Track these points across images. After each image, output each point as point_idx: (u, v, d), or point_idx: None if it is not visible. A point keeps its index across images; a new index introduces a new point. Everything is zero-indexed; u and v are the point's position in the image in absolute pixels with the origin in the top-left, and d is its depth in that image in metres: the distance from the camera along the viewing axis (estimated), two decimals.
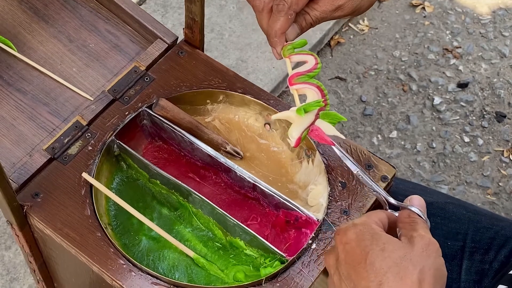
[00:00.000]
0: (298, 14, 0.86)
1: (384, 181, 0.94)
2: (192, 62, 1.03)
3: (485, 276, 1.04)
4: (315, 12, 0.86)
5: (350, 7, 0.86)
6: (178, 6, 1.91)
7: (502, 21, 2.10)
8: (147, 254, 0.90)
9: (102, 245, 0.87)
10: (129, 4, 1.06)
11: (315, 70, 0.84)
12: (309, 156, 0.97)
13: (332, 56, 1.99)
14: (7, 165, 0.94)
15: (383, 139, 1.86)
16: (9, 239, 1.53)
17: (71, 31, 1.07)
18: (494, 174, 1.82)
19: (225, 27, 1.90)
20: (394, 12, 2.10)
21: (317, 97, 0.83)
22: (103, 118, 0.97)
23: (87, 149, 0.95)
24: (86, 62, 1.04)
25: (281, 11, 0.84)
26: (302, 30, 0.87)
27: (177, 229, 0.93)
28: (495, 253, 1.04)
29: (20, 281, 1.49)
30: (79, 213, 0.90)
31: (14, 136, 0.97)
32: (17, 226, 0.92)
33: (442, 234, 1.07)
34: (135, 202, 0.93)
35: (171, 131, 0.96)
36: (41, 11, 1.08)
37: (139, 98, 0.99)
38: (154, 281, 0.85)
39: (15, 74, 1.02)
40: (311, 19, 0.87)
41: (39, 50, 1.05)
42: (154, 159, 0.98)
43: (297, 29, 0.87)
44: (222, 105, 1.01)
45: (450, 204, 1.10)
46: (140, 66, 1.01)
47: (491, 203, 1.77)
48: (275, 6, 0.84)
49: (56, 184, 0.92)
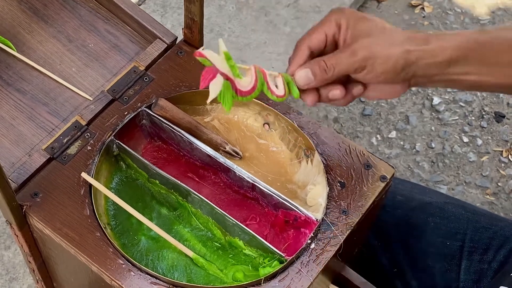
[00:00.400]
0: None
1: (383, 181, 0.94)
2: (192, 62, 1.03)
3: (484, 276, 1.04)
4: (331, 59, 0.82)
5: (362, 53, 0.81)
6: (177, 7, 1.91)
7: (501, 22, 2.10)
8: (146, 254, 0.90)
9: (101, 245, 0.87)
10: (129, 4, 1.06)
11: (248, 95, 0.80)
12: (308, 156, 0.97)
13: None
14: (7, 165, 0.94)
15: (382, 139, 1.86)
16: (8, 239, 1.53)
17: (71, 31, 1.07)
18: (493, 174, 1.82)
19: (224, 27, 1.90)
20: (393, 12, 2.10)
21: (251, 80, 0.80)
22: (102, 118, 0.97)
23: (86, 149, 0.95)
24: (86, 62, 1.05)
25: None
26: (315, 77, 0.82)
27: (176, 229, 0.93)
28: (494, 253, 1.04)
29: (20, 281, 1.49)
30: (78, 213, 0.90)
31: (14, 136, 0.97)
32: (16, 226, 0.92)
33: (441, 234, 1.07)
34: (134, 202, 0.93)
35: (170, 131, 0.96)
36: (41, 11, 1.08)
37: (138, 98, 0.99)
38: (153, 281, 0.85)
39: (15, 74, 1.02)
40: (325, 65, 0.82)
41: (39, 50, 1.05)
42: (153, 159, 0.98)
43: (310, 75, 0.82)
44: (221, 105, 1.01)
45: (449, 204, 1.10)
46: (139, 66, 1.01)
47: (490, 203, 1.77)
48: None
49: (55, 184, 0.92)
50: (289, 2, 1.98)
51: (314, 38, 0.83)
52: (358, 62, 0.81)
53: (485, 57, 0.82)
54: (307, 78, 0.82)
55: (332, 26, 0.83)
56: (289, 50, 1.87)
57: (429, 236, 1.07)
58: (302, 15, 1.96)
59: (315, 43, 0.83)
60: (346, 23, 0.83)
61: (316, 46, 0.83)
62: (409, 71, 0.82)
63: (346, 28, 0.83)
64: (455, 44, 0.82)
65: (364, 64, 0.81)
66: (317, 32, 0.83)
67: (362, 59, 0.81)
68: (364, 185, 0.93)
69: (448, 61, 0.82)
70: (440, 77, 0.83)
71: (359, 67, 0.81)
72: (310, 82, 0.82)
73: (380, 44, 0.81)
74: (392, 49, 0.81)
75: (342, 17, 0.83)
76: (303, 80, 0.82)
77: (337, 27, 0.83)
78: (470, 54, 0.82)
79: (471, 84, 0.84)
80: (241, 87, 0.79)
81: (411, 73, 0.82)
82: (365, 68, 0.81)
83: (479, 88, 0.86)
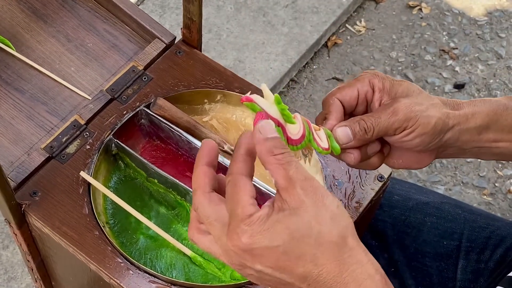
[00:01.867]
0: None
1: (380, 181, 0.94)
2: (190, 62, 1.03)
3: (480, 276, 1.04)
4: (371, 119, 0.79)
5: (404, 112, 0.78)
6: (175, 7, 1.91)
7: (499, 23, 2.10)
8: (144, 252, 0.91)
9: (100, 243, 0.88)
10: (127, 4, 1.06)
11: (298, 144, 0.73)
12: (306, 156, 0.97)
13: (329, 57, 2.00)
14: (5, 164, 0.95)
15: None
16: (7, 238, 1.53)
17: (70, 31, 1.07)
18: (490, 174, 1.83)
19: (222, 27, 1.90)
20: (391, 13, 2.11)
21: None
22: (101, 117, 0.98)
23: (85, 148, 0.95)
24: (84, 61, 1.05)
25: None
26: (354, 136, 0.78)
27: (175, 227, 0.93)
28: (490, 253, 1.04)
29: (18, 280, 1.49)
30: (77, 212, 0.90)
31: (12, 135, 0.98)
32: (15, 225, 0.92)
33: (438, 234, 1.07)
34: (132, 201, 0.94)
35: (168, 130, 0.96)
36: (40, 11, 1.08)
37: (137, 97, 0.99)
38: (151, 280, 0.86)
39: (14, 73, 1.02)
40: (365, 124, 0.78)
41: (38, 49, 1.05)
42: (152, 158, 0.98)
43: (349, 134, 0.78)
44: (219, 104, 1.02)
45: (446, 204, 1.10)
46: (138, 66, 1.02)
47: (487, 204, 1.78)
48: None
49: (54, 183, 0.92)
50: (287, 3, 1.98)
51: (346, 93, 0.80)
52: (399, 122, 0.78)
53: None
54: (347, 137, 0.78)
55: (365, 85, 0.80)
56: (287, 50, 1.88)
57: (426, 236, 1.08)
58: (300, 15, 1.96)
59: (347, 99, 0.80)
60: (381, 84, 0.80)
61: (348, 101, 0.80)
62: (444, 137, 0.80)
63: (381, 89, 0.80)
64: (486, 109, 0.80)
65: (405, 124, 0.78)
66: (350, 89, 0.80)
67: (404, 119, 0.77)
68: (362, 185, 0.94)
69: (480, 127, 0.80)
70: (471, 144, 0.82)
71: (400, 127, 0.78)
72: (349, 142, 0.78)
73: (420, 105, 0.78)
74: (432, 110, 0.78)
75: (376, 78, 0.80)
76: (343, 139, 0.78)
77: (370, 86, 0.80)
78: (500, 120, 0.81)
79: (501, 152, 0.83)
80: (291, 134, 0.72)
81: (445, 139, 0.80)
82: (406, 129, 0.78)
83: (509, 156, 0.85)
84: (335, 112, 0.79)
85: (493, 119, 0.81)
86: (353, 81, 0.81)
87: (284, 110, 0.70)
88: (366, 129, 0.78)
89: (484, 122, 0.81)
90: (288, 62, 1.87)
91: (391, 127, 0.78)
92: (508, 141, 0.83)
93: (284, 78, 1.87)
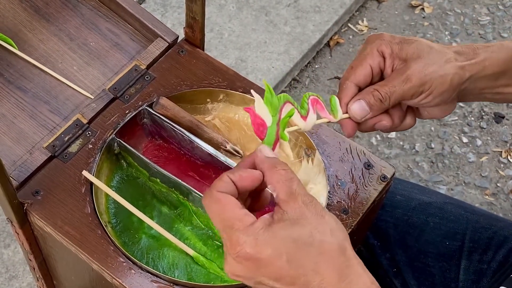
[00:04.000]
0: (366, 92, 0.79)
1: (383, 181, 0.94)
2: (193, 61, 1.03)
3: (483, 276, 1.04)
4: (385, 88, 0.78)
5: (417, 78, 0.77)
6: (177, 6, 1.91)
7: (501, 22, 2.10)
8: (147, 252, 0.91)
9: (102, 243, 0.87)
10: (130, 2, 1.06)
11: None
12: (309, 155, 0.97)
13: (331, 56, 2.00)
14: (8, 163, 0.94)
15: (381, 139, 1.86)
16: (8, 237, 1.53)
17: (72, 30, 1.07)
18: (492, 174, 1.82)
19: (224, 26, 1.90)
20: (393, 13, 2.10)
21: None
22: (103, 116, 0.98)
23: (88, 147, 0.95)
24: (87, 60, 1.05)
25: None
26: (371, 108, 0.79)
27: (177, 227, 0.93)
28: (493, 253, 1.04)
29: (19, 279, 1.49)
30: (79, 211, 0.90)
31: (15, 134, 0.97)
32: (17, 224, 0.92)
33: (441, 234, 1.07)
34: (135, 200, 0.94)
35: (171, 129, 0.96)
36: (42, 10, 1.08)
37: (139, 96, 0.99)
38: (154, 279, 0.86)
39: (16, 72, 1.02)
40: (380, 95, 0.78)
41: (40, 48, 1.05)
42: (154, 158, 0.98)
43: (365, 107, 0.79)
44: (222, 104, 1.01)
45: (448, 204, 1.10)
46: (140, 65, 1.02)
47: (489, 204, 1.78)
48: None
49: (56, 182, 0.92)
50: (290, 2, 1.98)
51: (359, 74, 0.79)
52: (414, 88, 0.78)
53: None
54: (363, 111, 0.79)
55: (375, 57, 0.79)
56: (289, 49, 1.88)
57: (428, 236, 1.08)
58: (302, 15, 1.96)
59: (361, 80, 0.79)
60: (390, 50, 0.79)
61: (363, 82, 0.80)
62: (463, 87, 0.80)
63: (391, 54, 0.79)
64: (503, 56, 0.80)
65: (421, 89, 0.78)
66: (362, 67, 0.79)
67: (419, 84, 0.77)
68: (365, 185, 0.94)
69: (496, 73, 0.80)
70: (488, 90, 0.82)
71: (416, 93, 0.78)
72: (366, 114, 0.79)
73: (433, 65, 0.78)
74: (446, 68, 0.78)
75: (383, 44, 0.79)
76: (360, 113, 0.79)
77: (380, 56, 0.79)
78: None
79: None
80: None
81: (463, 88, 0.80)
82: (423, 93, 0.78)
83: None
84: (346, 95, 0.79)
85: (510, 66, 0.81)
86: (362, 56, 0.80)
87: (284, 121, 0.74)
88: (382, 99, 0.78)
89: (500, 69, 0.80)
90: (290, 61, 1.87)
91: (408, 93, 0.78)
92: None
93: (286, 78, 1.86)
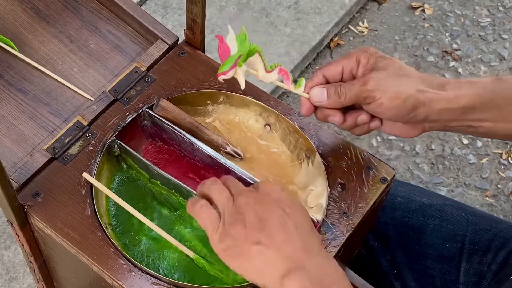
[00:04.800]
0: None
1: (383, 183, 0.94)
2: (193, 63, 1.03)
3: (483, 278, 1.04)
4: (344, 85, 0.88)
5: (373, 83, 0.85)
6: (178, 7, 1.91)
7: (502, 24, 2.10)
8: (147, 254, 0.91)
9: (102, 245, 0.88)
10: (130, 4, 1.06)
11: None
12: (309, 158, 0.97)
13: (331, 57, 2.00)
14: (8, 165, 0.95)
15: (382, 141, 1.86)
16: (9, 238, 1.53)
17: (72, 32, 1.07)
18: (492, 176, 1.82)
19: (225, 28, 1.90)
20: (394, 14, 2.10)
21: None
22: (103, 118, 0.98)
23: (88, 149, 0.95)
24: (87, 62, 1.05)
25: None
26: (328, 97, 0.88)
27: (177, 229, 0.93)
28: (493, 255, 1.04)
29: (20, 280, 1.49)
30: (80, 213, 0.90)
31: (15, 136, 0.98)
32: (17, 226, 0.92)
33: (441, 236, 1.07)
34: (135, 202, 0.94)
35: (171, 131, 0.96)
36: (43, 11, 1.08)
37: (139, 98, 0.99)
38: (154, 281, 0.86)
39: (16, 74, 1.02)
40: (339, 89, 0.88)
41: (40, 50, 1.05)
42: (154, 160, 0.98)
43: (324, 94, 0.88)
44: (222, 106, 1.01)
45: (448, 206, 1.10)
46: (141, 67, 1.02)
47: (490, 205, 1.78)
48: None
49: (56, 184, 0.92)
50: (290, 4, 1.98)
51: (330, 68, 0.89)
52: (367, 92, 0.85)
53: (501, 106, 0.85)
54: (321, 96, 0.88)
55: (352, 61, 0.88)
56: (290, 51, 1.88)
57: (428, 238, 1.08)
58: (303, 16, 1.96)
59: (329, 73, 0.89)
60: (366, 60, 0.87)
61: (330, 75, 0.89)
62: (420, 113, 0.85)
63: (365, 64, 0.87)
64: (472, 93, 0.85)
65: (373, 94, 0.85)
66: (336, 64, 0.88)
67: (373, 89, 0.84)
68: (365, 187, 0.94)
69: (464, 108, 0.85)
70: (456, 123, 0.87)
71: (368, 97, 0.85)
72: (322, 100, 0.88)
73: (392, 80, 0.85)
74: (403, 87, 0.84)
75: (363, 55, 0.87)
76: (317, 97, 0.88)
77: (356, 63, 0.87)
78: (486, 103, 0.85)
79: (486, 131, 0.87)
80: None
81: (423, 115, 0.85)
82: (375, 100, 0.85)
83: (493, 135, 0.89)
84: (312, 81, 0.89)
85: (479, 101, 0.85)
86: (342, 57, 0.89)
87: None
88: (339, 92, 0.87)
89: (469, 104, 0.85)
90: (291, 62, 1.87)
91: (361, 95, 0.85)
92: (494, 121, 0.86)
93: None
